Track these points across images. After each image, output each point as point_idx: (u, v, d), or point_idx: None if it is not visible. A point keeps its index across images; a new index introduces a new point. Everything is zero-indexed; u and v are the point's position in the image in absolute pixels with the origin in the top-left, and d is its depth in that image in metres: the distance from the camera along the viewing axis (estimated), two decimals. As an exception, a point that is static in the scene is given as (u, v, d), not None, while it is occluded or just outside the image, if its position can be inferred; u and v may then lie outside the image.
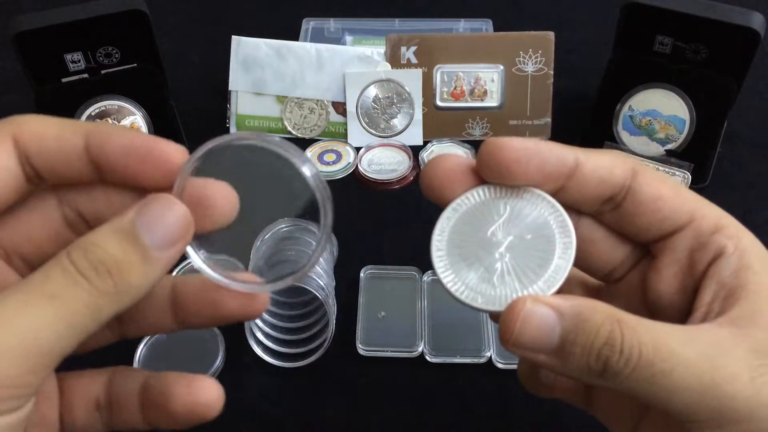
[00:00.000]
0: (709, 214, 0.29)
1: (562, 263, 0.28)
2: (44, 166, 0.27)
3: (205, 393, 0.28)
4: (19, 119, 0.28)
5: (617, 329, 0.25)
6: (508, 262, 0.28)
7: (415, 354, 0.51)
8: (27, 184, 0.28)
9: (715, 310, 0.27)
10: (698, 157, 0.61)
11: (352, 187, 0.65)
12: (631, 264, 0.31)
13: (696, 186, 0.61)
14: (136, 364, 0.50)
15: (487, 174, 0.28)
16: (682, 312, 0.29)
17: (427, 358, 0.51)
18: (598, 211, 0.30)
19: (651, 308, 0.30)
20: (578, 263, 0.30)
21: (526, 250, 0.28)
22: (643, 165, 0.29)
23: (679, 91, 0.62)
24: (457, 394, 0.50)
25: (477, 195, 0.29)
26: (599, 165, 0.28)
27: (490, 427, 0.48)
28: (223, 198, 0.27)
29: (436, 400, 0.50)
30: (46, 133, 0.27)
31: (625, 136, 0.64)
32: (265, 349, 0.51)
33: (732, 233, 0.28)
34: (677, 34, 0.62)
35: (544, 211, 0.28)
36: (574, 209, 0.29)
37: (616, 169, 0.28)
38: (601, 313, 0.25)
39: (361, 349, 0.51)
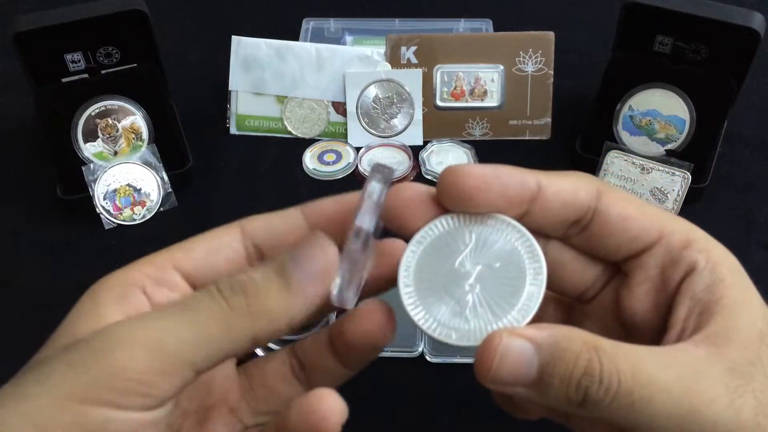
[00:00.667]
0: (677, 229, 0.28)
1: (534, 290, 0.27)
2: (267, 243, 0.30)
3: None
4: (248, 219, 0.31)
5: (595, 358, 0.24)
6: (478, 293, 0.27)
7: (415, 354, 0.51)
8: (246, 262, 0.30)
9: (690, 327, 0.27)
10: (698, 157, 0.61)
11: (352, 187, 0.65)
12: (603, 283, 0.31)
13: (696, 186, 0.61)
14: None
15: (448, 203, 0.28)
16: (656, 329, 0.29)
17: (427, 358, 0.51)
18: (565, 234, 0.29)
19: (626, 326, 0.30)
20: (550, 286, 0.30)
21: (496, 279, 0.27)
22: (607, 185, 0.29)
23: (679, 91, 0.62)
24: (457, 394, 0.50)
25: (440, 225, 0.28)
26: (562, 188, 0.28)
27: (490, 427, 0.48)
28: None
29: (436, 400, 0.50)
30: (272, 219, 0.31)
31: (625, 136, 0.64)
32: (266, 348, 0.51)
33: (702, 247, 0.28)
34: (677, 34, 0.62)
35: (511, 237, 0.28)
36: (541, 234, 0.29)
37: (580, 191, 0.28)
38: (579, 341, 0.25)
39: (361, 349, 0.51)
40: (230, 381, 0.31)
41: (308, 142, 0.69)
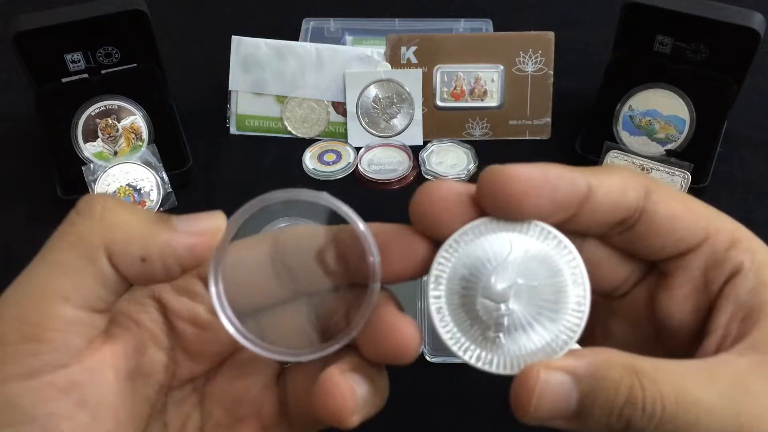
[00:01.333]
0: (723, 228, 0.27)
1: (574, 321, 0.25)
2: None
3: None
4: (280, 231, 0.29)
5: (637, 384, 0.23)
6: (516, 314, 0.25)
7: None
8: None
9: (733, 334, 0.26)
10: (698, 157, 0.61)
11: (352, 187, 0.65)
12: (636, 280, 0.29)
13: (696, 186, 0.61)
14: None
15: (490, 207, 0.26)
16: (693, 332, 0.28)
17: (427, 358, 0.51)
18: (607, 233, 0.28)
19: (659, 326, 0.29)
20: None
21: (535, 300, 0.25)
22: (655, 181, 0.27)
23: (679, 91, 0.62)
24: (457, 394, 0.50)
25: (476, 230, 0.26)
26: (612, 189, 0.26)
27: (490, 427, 0.48)
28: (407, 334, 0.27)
29: (436, 400, 0.50)
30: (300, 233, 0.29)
31: (625, 136, 0.64)
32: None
33: (747, 247, 0.27)
34: (677, 34, 0.62)
35: (554, 253, 0.25)
36: (579, 233, 0.27)
37: (630, 190, 0.26)
38: (618, 367, 0.23)
39: (361, 349, 0.51)
40: (267, 393, 0.29)
41: (308, 142, 0.69)
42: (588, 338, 0.31)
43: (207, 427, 0.29)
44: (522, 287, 0.25)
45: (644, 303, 0.29)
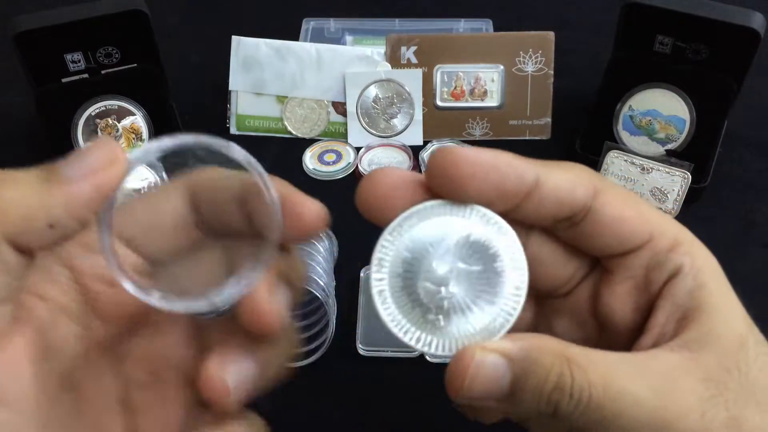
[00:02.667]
0: (666, 231, 0.28)
1: (512, 304, 0.25)
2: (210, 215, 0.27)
3: None
4: (195, 174, 0.28)
5: (567, 371, 0.24)
6: (456, 298, 0.25)
7: (415, 354, 0.51)
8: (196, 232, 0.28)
9: (669, 332, 0.26)
10: (698, 157, 0.61)
11: (352, 187, 0.65)
12: (580, 277, 0.30)
13: (696, 186, 0.61)
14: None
15: (437, 188, 0.26)
16: (633, 329, 0.28)
17: (427, 358, 0.51)
18: (552, 227, 0.28)
19: (602, 322, 0.29)
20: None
21: (475, 283, 0.25)
22: (606, 182, 0.28)
23: (680, 91, 0.62)
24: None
25: (420, 215, 0.26)
26: (560, 185, 0.26)
27: (490, 427, 0.48)
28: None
29: (436, 400, 0.50)
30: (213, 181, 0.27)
31: (625, 135, 0.64)
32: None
33: (688, 250, 0.27)
34: (677, 33, 0.62)
35: (495, 238, 0.25)
36: (525, 224, 0.28)
37: (579, 188, 0.27)
38: (550, 353, 0.24)
39: (361, 349, 0.51)
40: (188, 349, 0.28)
41: (308, 142, 0.69)
42: None
43: (130, 390, 0.27)
44: (462, 271, 0.25)
45: (588, 299, 0.30)
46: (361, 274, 0.56)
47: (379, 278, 0.26)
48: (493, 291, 0.25)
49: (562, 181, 0.27)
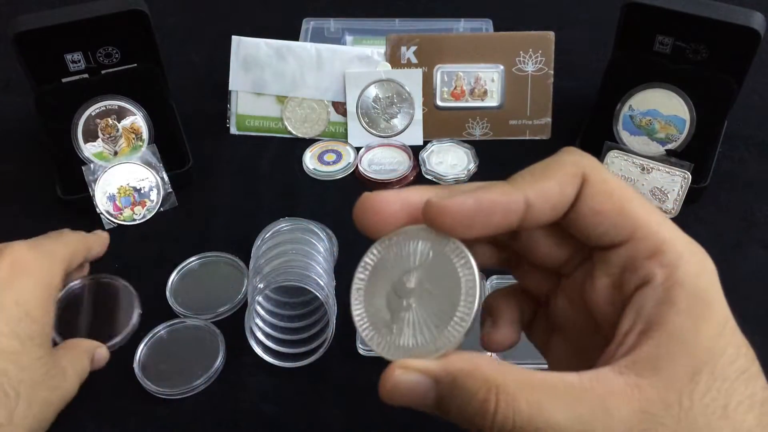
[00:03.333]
0: (651, 236, 0.27)
1: (454, 333, 0.27)
2: None
3: None
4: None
5: (492, 399, 0.25)
6: (413, 312, 0.28)
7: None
8: None
9: (629, 344, 0.26)
10: (698, 157, 0.61)
11: (352, 187, 0.65)
12: (579, 262, 0.30)
13: (696, 186, 0.61)
14: (135, 364, 0.50)
15: (432, 226, 0.28)
16: (613, 324, 0.28)
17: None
18: None
19: (589, 311, 0.30)
20: (528, 258, 0.31)
21: (430, 306, 0.28)
22: (598, 171, 0.28)
23: (680, 91, 0.62)
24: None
25: (410, 233, 0.28)
26: (551, 194, 0.27)
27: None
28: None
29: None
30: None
31: (625, 135, 0.64)
32: (266, 349, 0.51)
33: (669, 262, 0.26)
34: (677, 33, 0.62)
35: (460, 272, 0.27)
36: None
37: (567, 187, 0.27)
38: (479, 380, 0.25)
39: (361, 349, 0.51)
40: None
41: (308, 142, 0.69)
42: (540, 315, 0.33)
43: None
44: (425, 291, 0.28)
45: (580, 287, 0.30)
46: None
47: (361, 278, 0.29)
48: (443, 317, 0.27)
49: (551, 190, 0.27)
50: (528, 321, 0.34)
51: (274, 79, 0.69)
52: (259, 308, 0.52)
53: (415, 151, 0.68)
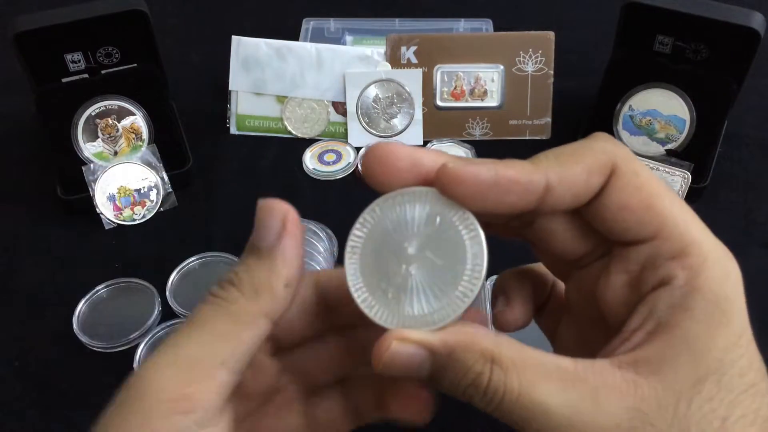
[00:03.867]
0: (677, 236, 0.26)
1: (456, 305, 0.26)
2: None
3: None
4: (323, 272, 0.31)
5: (486, 372, 0.24)
6: (413, 279, 0.26)
7: None
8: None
9: (635, 341, 0.25)
10: (698, 157, 0.61)
11: (352, 187, 0.65)
12: (598, 256, 0.29)
13: (696, 186, 0.61)
14: (135, 365, 0.50)
15: (444, 192, 0.26)
16: (622, 322, 0.27)
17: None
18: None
19: (600, 306, 0.29)
20: (541, 250, 0.30)
21: (432, 275, 0.26)
22: (629, 162, 0.26)
23: (679, 91, 0.62)
24: None
25: (416, 195, 0.27)
26: (575, 181, 0.26)
27: (490, 427, 0.48)
28: None
29: (436, 401, 0.50)
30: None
31: (625, 135, 0.64)
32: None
33: (692, 264, 0.25)
34: (677, 33, 0.62)
35: (468, 244, 0.26)
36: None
37: (594, 177, 0.26)
38: (475, 353, 0.25)
39: (362, 349, 0.51)
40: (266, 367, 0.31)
41: (308, 142, 0.69)
42: (552, 300, 0.33)
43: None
44: (428, 260, 0.26)
45: (594, 281, 0.29)
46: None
47: (358, 236, 0.28)
48: (445, 288, 0.26)
49: (577, 176, 0.26)
50: (541, 304, 0.33)
51: (274, 79, 0.69)
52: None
53: (415, 151, 0.68)
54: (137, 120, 0.64)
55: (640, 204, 0.26)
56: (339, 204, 0.63)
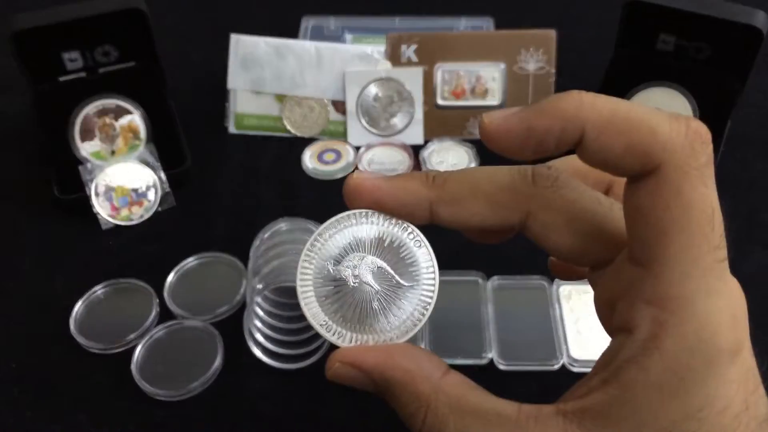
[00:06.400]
0: (664, 279, 0.23)
1: (403, 329, 0.27)
2: None
3: None
4: None
5: (420, 416, 0.25)
6: (364, 295, 0.27)
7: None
8: None
9: (591, 386, 0.24)
10: (701, 157, 0.61)
11: (352, 187, 0.65)
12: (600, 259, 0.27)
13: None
14: (133, 365, 0.50)
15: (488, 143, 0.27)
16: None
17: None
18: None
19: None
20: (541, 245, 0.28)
21: (383, 293, 0.27)
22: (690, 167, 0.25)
23: (682, 90, 0.62)
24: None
25: (364, 215, 0.28)
26: (609, 154, 0.24)
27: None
28: None
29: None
30: None
31: (627, 135, 0.63)
32: (264, 350, 0.51)
33: (663, 319, 0.23)
34: (680, 32, 0.61)
35: (418, 256, 0.27)
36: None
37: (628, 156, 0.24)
38: (410, 395, 0.26)
39: (361, 350, 0.51)
40: None
41: (308, 141, 0.69)
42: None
43: None
44: (379, 277, 0.27)
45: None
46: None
47: (309, 255, 0.28)
48: (394, 309, 0.27)
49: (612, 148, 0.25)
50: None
51: (273, 78, 0.69)
52: (258, 309, 0.51)
53: (416, 150, 0.67)
54: (135, 119, 0.64)
55: (648, 223, 0.24)
56: (339, 204, 0.63)
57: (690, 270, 0.23)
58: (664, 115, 0.24)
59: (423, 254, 0.27)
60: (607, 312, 0.26)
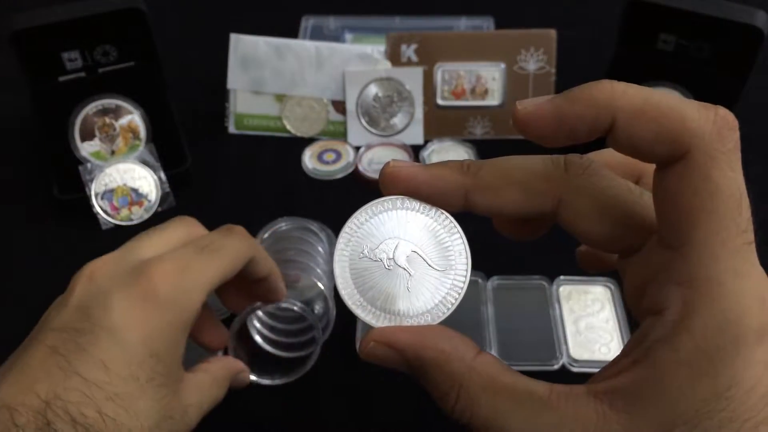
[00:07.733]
0: (693, 260, 0.24)
1: (437, 313, 0.27)
2: None
3: None
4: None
5: (453, 395, 0.25)
6: (400, 280, 0.28)
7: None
8: None
9: (621, 367, 0.24)
10: (701, 156, 0.61)
11: (352, 187, 0.65)
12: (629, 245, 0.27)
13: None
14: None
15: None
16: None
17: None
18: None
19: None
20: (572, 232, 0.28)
21: (417, 278, 0.28)
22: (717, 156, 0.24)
23: (683, 89, 0.62)
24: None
25: (401, 202, 0.28)
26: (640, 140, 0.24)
27: None
28: None
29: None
30: None
31: (627, 134, 0.63)
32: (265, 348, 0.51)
33: (692, 299, 0.23)
34: (680, 31, 0.61)
35: (451, 245, 0.28)
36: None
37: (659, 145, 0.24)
38: (444, 375, 0.26)
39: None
40: None
41: (307, 141, 0.69)
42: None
43: None
44: (414, 262, 0.28)
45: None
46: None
47: (346, 240, 0.28)
48: (428, 293, 0.28)
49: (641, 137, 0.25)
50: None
51: (272, 78, 0.69)
52: (257, 310, 0.51)
53: (416, 150, 0.67)
54: (135, 119, 0.64)
55: (676, 203, 0.25)
56: (338, 204, 0.63)
57: (719, 252, 0.24)
58: (693, 103, 0.24)
59: (456, 241, 0.28)
60: (638, 298, 0.26)
